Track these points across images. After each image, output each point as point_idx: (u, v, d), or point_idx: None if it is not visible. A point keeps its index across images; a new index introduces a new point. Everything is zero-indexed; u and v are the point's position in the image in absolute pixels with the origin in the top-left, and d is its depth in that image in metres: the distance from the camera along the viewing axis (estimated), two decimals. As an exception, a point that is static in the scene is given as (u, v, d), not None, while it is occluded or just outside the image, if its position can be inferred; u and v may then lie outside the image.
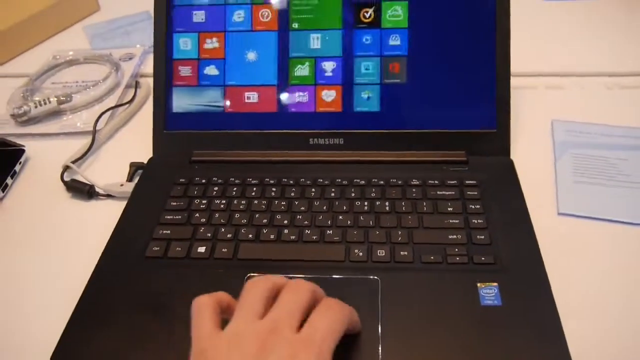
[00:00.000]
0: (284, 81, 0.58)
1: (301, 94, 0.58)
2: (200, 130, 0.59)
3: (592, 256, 0.49)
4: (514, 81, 0.57)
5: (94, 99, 0.70)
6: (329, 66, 0.58)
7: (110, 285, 0.47)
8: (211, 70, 0.59)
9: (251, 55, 0.58)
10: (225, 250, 0.49)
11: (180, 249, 0.49)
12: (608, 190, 0.53)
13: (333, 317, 0.35)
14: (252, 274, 0.46)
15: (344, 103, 0.58)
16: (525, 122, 0.63)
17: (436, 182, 0.54)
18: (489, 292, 0.44)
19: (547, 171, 0.57)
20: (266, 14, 0.58)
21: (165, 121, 0.60)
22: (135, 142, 0.63)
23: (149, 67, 0.77)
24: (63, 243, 0.53)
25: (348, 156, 0.57)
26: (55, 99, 0.67)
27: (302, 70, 0.58)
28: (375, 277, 0.45)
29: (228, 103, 0.59)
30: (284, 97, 0.58)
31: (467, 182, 0.53)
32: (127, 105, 0.68)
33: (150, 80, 0.71)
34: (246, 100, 0.58)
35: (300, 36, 0.58)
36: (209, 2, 0.59)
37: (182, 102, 0.59)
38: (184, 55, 0.59)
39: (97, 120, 0.64)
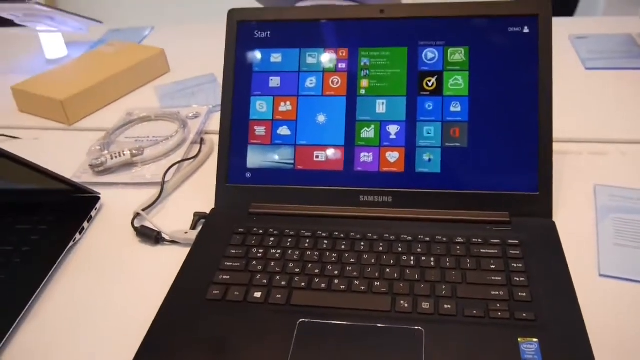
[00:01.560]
0: (351, 142, 0.63)
1: (366, 154, 0.63)
2: (259, 185, 0.64)
3: (633, 318, 0.50)
4: (559, 147, 0.60)
5: (163, 153, 0.76)
6: (393, 129, 0.63)
7: (173, 325, 0.51)
8: (284, 131, 0.65)
9: (321, 118, 0.64)
10: (280, 296, 0.52)
11: (238, 293, 0.53)
12: (650, 255, 0.55)
13: None
14: (303, 320, 0.50)
15: (406, 164, 0.62)
16: (569, 185, 0.65)
17: (480, 240, 0.56)
18: (529, 348, 0.46)
19: (588, 234, 0.59)
20: (336, 80, 0.64)
21: (228, 175, 0.65)
22: (199, 193, 0.69)
23: (213, 125, 0.84)
24: (132, 283, 0.58)
25: (396, 213, 0.61)
26: (129, 152, 0.74)
27: (367, 133, 0.63)
28: (420, 328, 0.48)
29: (298, 161, 0.64)
30: (350, 156, 0.63)
31: (509, 241, 0.56)
32: (192, 159, 0.75)
33: (214, 137, 0.78)
34: (315, 159, 0.64)
35: (367, 101, 0.64)
36: (285, 69, 0.66)
37: (256, 159, 0.65)
38: (260, 117, 0.65)
39: (165, 173, 0.70)
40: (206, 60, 0.99)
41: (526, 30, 0.61)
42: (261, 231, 0.60)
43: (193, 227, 0.63)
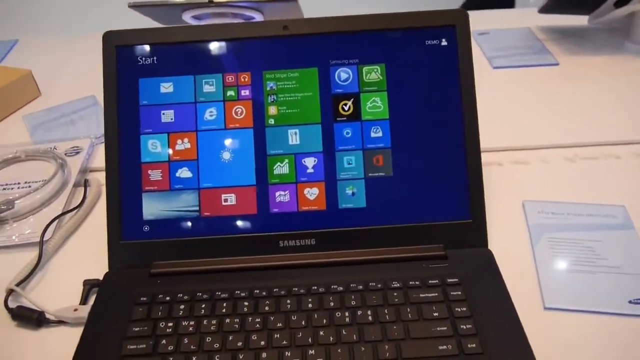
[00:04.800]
0: (263, 181, 0.55)
1: (282, 193, 0.55)
2: (159, 239, 0.55)
3: (582, 351, 0.47)
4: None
5: (40, 202, 0.64)
6: (309, 162, 0.55)
7: None
8: (184, 173, 0.55)
9: (226, 155, 0.55)
10: (199, 383, 0.44)
11: (147, 386, 0.44)
12: (590, 278, 0.52)
13: None
14: (231, 412, 0.42)
15: (327, 200, 0.55)
16: (496, 203, 0.62)
17: (417, 282, 0.51)
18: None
19: (526, 259, 0.55)
20: (240, 110, 0.56)
21: (121, 231, 0.55)
22: (88, 252, 0.58)
23: (98, 160, 0.73)
24: (10, 384, 0.47)
25: (322, 257, 0.54)
26: (-5, 207, 0.61)
27: (281, 168, 0.55)
28: (367, 404, 0.42)
29: (203, 207, 0.55)
30: (264, 197, 0.55)
31: (449, 280, 0.51)
32: (76, 210, 0.63)
33: (101, 176, 0.67)
34: (223, 203, 0.55)
35: (277, 132, 0.56)
36: (179, 100, 0.56)
37: (153, 208, 0.55)
38: (154, 158, 0.55)
39: (43, 232, 0.59)
40: (84, 79, 0.85)
41: (444, 42, 0.56)
42: (168, 297, 0.51)
43: (84, 301, 0.53)
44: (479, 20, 1.04)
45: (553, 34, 0.97)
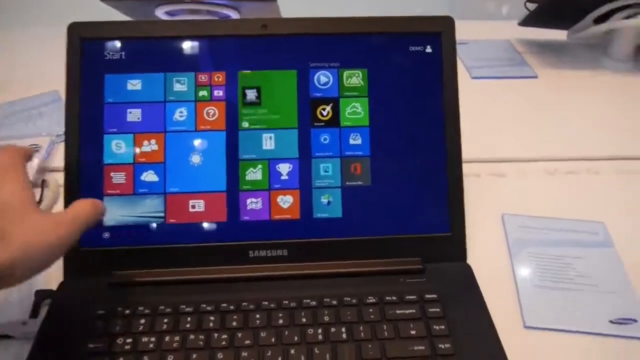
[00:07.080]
0: (234, 187, 0.52)
1: (254, 200, 0.52)
2: (120, 247, 0.51)
3: (565, 375, 0.45)
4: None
5: (-9, 203, 0.60)
6: (284, 169, 0.52)
7: None
8: (149, 177, 0.52)
9: (195, 159, 0.52)
10: (158, 406, 0.41)
11: (100, 409, 0.41)
12: (570, 296, 0.51)
13: None
14: None
15: (302, 209, 0.52)
16: (474, 215, 0.59)
17: (394, 298, 0.49)
18: None
19: (505, 273, 0.54)
20: (212, 112, 0.53)
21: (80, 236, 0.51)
22: (43, 258, 0.54)
23: (58, 160, 0.68)
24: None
25: (294, 269, 0.51)
26: (-58, 208, 0.56)
27: (254, 174, 0.52)
28: None
29: (169, 213, 0.51)
30: (234, 204, 0.52)
31: (427, 296, 0.49)
32: (32, 212, 0.59)
33: (60, 177, 0.63)
34: (191, 210, 0.52)
35: (251, 136, 0.53)
36: (147, 99, 0.53)
37: (114, 213, 0.51)
38: (117, 160, 0.52)
39: (-6, 235, 0.54)
40: (47, 73, 0.80)
41: (429, 49, 0.54)
42: (127, 311, 0.47)
43: (35, 314, 0.49)
44: (458, 29, 1.03)
45: (532, 47, 0.97)
